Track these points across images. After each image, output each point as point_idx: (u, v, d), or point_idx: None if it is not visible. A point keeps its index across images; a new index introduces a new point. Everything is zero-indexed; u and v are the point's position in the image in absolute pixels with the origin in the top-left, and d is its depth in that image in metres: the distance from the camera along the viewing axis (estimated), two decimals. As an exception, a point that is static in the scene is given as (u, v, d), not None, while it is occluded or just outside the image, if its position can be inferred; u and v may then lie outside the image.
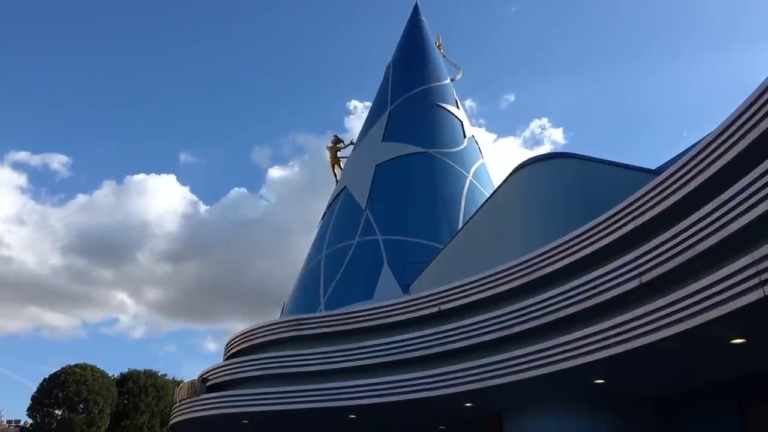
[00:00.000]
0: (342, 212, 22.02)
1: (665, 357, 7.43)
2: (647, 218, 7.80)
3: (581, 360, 7.84)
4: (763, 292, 5.64)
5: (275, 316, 16.87)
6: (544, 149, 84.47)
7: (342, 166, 26.62)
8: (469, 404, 10.26)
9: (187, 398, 13.76)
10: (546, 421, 9.67)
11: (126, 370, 38.35)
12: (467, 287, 10.71)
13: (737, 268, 5.94)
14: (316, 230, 23.60)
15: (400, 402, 10.45)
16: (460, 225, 18.57)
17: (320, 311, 16.06)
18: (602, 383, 8.61)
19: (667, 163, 11.01)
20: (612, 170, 11.40)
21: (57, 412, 32.74)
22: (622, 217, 8.24)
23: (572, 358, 7.98)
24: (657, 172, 9.76)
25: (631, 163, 11.66)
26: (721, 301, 6.07)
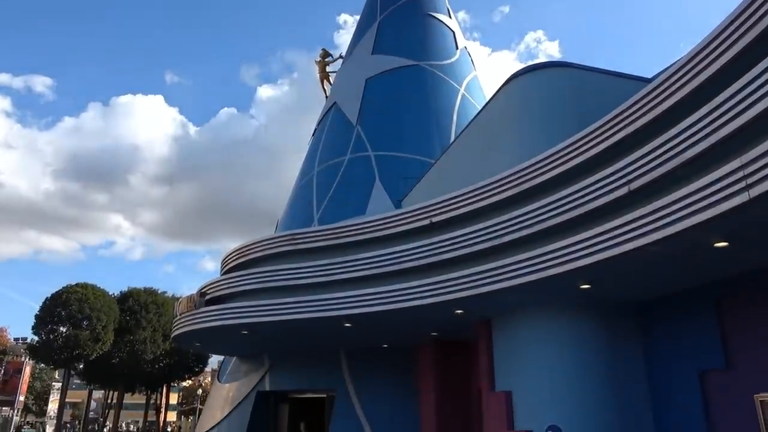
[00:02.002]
0: (332, 128, 21.78)
1: (650, 262, 7.67)
2: (638, 126, 7.79)
3: (569, 266, 8.08)
4: (748, 195, 5.75)
5: (270, 234, 17.06)
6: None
7: (331, 81, 26.02)
8: (459, 311, 10.65)
9: (187, 312, 14.18)
10: (533, 325, 10.11)
11: (126, 289, 39.24)
12: (458, 199, 10.83)
13: (725, 173, 6.02)
14: (308, 148, 23.42)
15: (393, 310, 10.83)
16: (452, 139, 18.46)
17: (314, 227, 16.23)
18: (588, 288, 8.92)
19: (661, 72, 10.83)
20: (606, 79, 11.26)
21: (62, 329, 33.70)
22: (613, 126, 8.22)
23: (560, 264, 8.22)
24: (652, 80, 9.61)
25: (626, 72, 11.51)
26: (708, 205, 6.19)
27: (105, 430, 42.88)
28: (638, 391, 9.56)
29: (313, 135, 23.63)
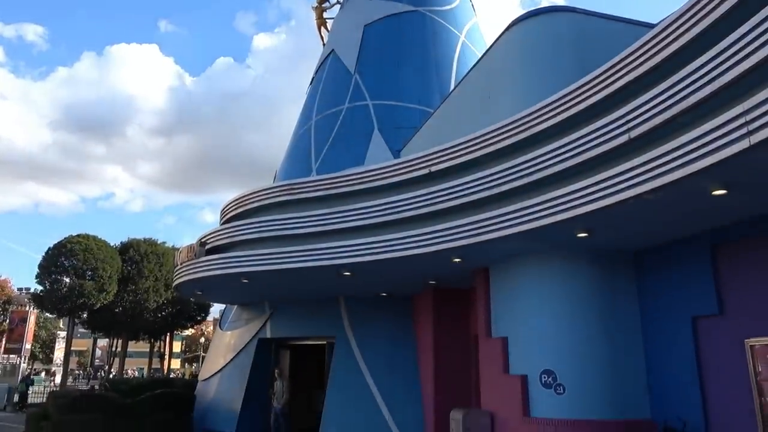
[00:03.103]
0: (330, 77, 21.41)
1: (647, 210, 7.70)
2: (640, 72, 7.66)
3: (567, 215, 8.11)
4: (749, 141, 5.72)
5: (268, 184, 17.01)
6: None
7: (329, 28, 25.40)
8: (457, 260, 10.76)
9: (188, 261, 14.32)
10: (530, 273, 10.24)
11: (126, 240, 39.52)
12: (457, 148, 10.77)
13: (726, 119, 5.97)
14: (305, 97, 23.10)
15: (392, 259, 10.94)
16: (452, 88, 18.19)
17: (312, 176, 16.19)
18: (585, 237, 8.99)
19: (667, 18, 10.57)
20: (611, 25, 11.00)
21: (65, 279, 34.13)
22: (615, 72, 8.09)
23: (558, 213, 8.25)
24: (656, 26, 9.39)
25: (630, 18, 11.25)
26: (708, 152, 6.16)
27: (111, 375, 43.97)
28: (631, 337, 9.77)
29: (310, 84, 23.26)
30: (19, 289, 53.99)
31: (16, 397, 26.38)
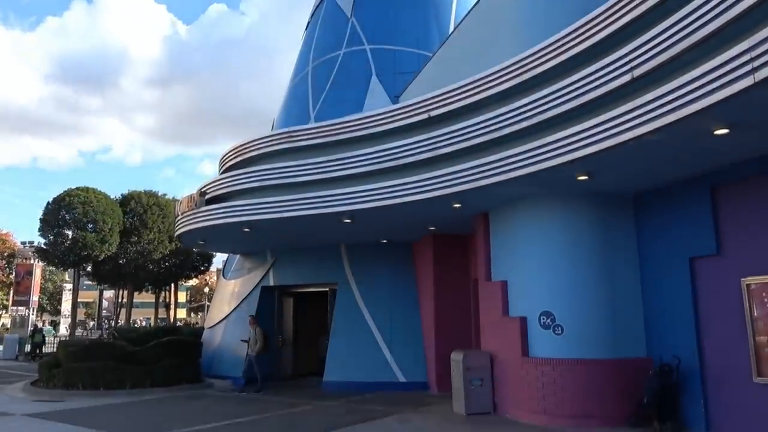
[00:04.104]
0: (326, 21, 20.86)
1: (648, 151, 7.64)
2: (644, 9, 7.43)
3: (568, 157, 8.06)
4: (753, 78, 5.62)
5: (266, 132, 16.85)
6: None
7: (324, -30, 24.53)
8: (457, 205, 10.78)
9: (188, 211, 14.35)
10: (530, 217, 10.28)
11: (126, 192, 39.51)
12: (456, 92, 10.59)
13: (731, 56, 5.84)
14: (301, 43, 22.58)
15: (393, 206, 10.95)
16: (451, 30, 17.74)
17: (310, 124, 16.00)
18: (585, 180, 8.97)
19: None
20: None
21: (68, 232, 34.30)
22: (617, 11, 7.85)
23: (559, 155, 8.20)
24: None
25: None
26: (712, 90, 6.06)
27: (119, 324, 44.90)
28: (630, 278, 9.90)
29: (306, 29, 22.69)
30: (22, 243, 54.44)
31: (27, 347, 26.99)
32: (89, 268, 38.40)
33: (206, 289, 60.09)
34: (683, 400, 8.83)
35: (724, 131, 6.84)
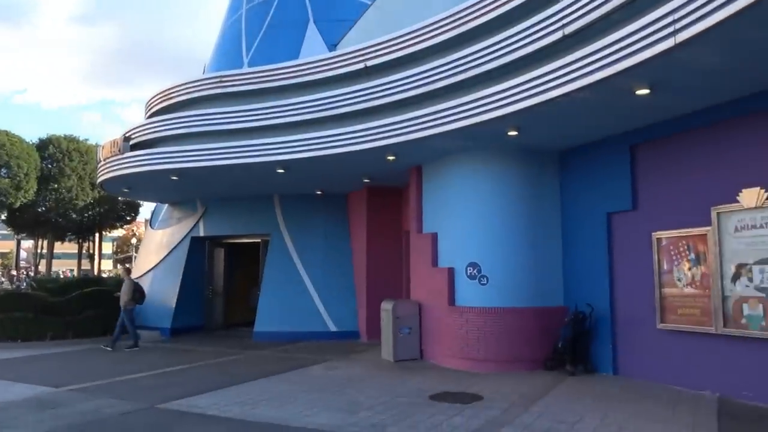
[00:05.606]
0: (262, -39, 19.84)
1: (574, 109, 7.89)
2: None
3: (500, 112, 8.19)
4: (674, 40, 5.85)
5: (197, 76, 16.09)
6: None
7: None
8: (392, 157, 10.81)
9: (111, 156, 13.67)
10: (462, 171, 10.48)
11: (45, 136, 37.10)
12: (393, 43, 10.47)
13: (655, 17, 6.05)
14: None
15: (327, 156, 10.85)
16: (391, -21, 17.34)
17: (243, 69, 15.42)
18: (515, 135, 9.18)
19: None
20: None
21: (-22, 177, 32.01)
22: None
23: (492, 110, 8.31)
24: None
25: None
26: (636, 50, 6.28)
27: (39, 275, 42.85)
28: (552, 233, 10.36)
29: (240, -32, 21.53)
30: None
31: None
32: (4, 216, 36.15)
33: (134, 240, 58.04)
34: (595, 345, 9.48)
35: (646, 91, 7.14)
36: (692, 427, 6.19)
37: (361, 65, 11.01)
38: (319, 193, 15.24)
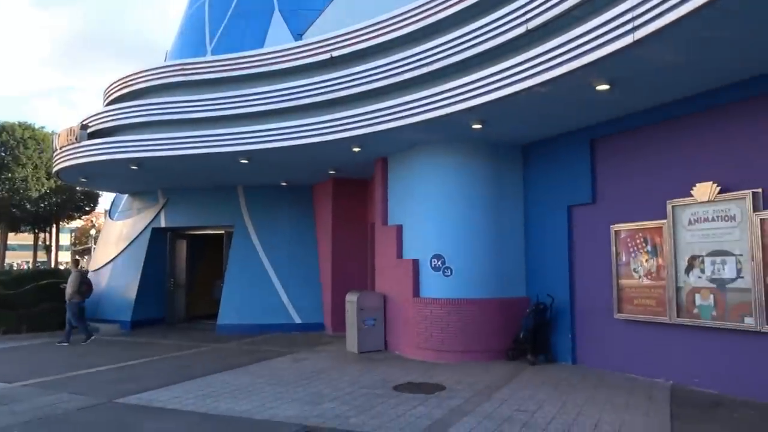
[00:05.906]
0: (226, -53, 19.43)
1: (536, 103, 8.00)
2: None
3: (463, 105, 8.26)
4: (633, 37, 5.99)
5: (158, 63, 15.70)
6: None
7: None
8: (357, 149, 10.78)
9: (68, 144, 13.24)
10: (427, 163, 10.52)
11: (-3, 123, 35.70)
12: (358, 33, 10.40)
13: (615, 14, 6.18)
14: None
15: (291, 147, 10.75)
16: (358, -31, 17.22)
17: (206, 57, 15.12)
18: (479, 128, 9.27)
19: None
20: None
21: (-75, 165, 30.62)
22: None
23: (456, 103, 8.37)
24: None
25: None
26: (596, 46, 6.40)
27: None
28: (515, 225, 10.51)
29: (204, -46, 21.04)
30: None
31: None
32: (-47, 206, 34.72)
33: (92, 231, 56.53)
34: (555, 335, 9.70)
35: (606, 87, 7.30)
36: (647, 413, 6.40)
37: (326, 55, 10.91)
38: (284, 184, 15.10)
